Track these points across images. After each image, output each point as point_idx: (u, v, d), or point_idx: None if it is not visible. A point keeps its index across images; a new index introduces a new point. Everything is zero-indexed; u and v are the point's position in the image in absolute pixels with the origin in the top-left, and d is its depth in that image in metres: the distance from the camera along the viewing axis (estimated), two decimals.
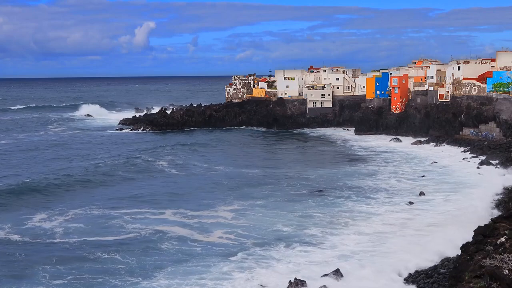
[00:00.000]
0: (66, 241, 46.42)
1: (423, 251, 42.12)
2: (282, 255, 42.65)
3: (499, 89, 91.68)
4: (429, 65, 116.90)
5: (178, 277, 38.48)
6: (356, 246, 44.29)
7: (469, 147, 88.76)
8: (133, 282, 37.91)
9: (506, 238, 33.25)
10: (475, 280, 28.31)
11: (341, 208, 56.74)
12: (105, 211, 56.03)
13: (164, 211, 55.83)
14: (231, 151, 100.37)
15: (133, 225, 51.15)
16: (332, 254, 42.49)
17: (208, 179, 73.42)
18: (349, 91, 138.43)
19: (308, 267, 39.87)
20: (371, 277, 37.39)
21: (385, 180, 70.87)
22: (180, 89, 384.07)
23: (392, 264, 39.78)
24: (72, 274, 39.10)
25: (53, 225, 50.97)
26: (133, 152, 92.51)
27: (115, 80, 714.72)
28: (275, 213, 54.96)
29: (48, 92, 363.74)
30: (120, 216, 53.92)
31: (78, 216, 54.11)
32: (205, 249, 44.55)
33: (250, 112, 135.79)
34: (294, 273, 38.10)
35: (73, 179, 70.15)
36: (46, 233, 48.74)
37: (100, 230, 49.66)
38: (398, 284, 36.10)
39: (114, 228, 50.33)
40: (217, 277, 38.51)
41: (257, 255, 42.77)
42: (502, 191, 59.44)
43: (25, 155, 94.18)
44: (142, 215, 54.40)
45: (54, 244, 45.76)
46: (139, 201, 60.09)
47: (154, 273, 39.45)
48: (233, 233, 48.76)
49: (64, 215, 54.39)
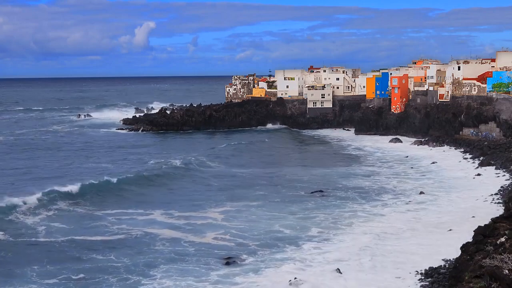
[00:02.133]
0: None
1: (423, 251, 42.17)
2: (282, 255, 42.58)
3: (499, 89, 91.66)
4: (429, 65, 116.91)
5: (175, 276, 38.48)
6: (356, 246, 44.21)
7: (469, 147, 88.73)
8: (130, 280, 37.88)
9: (506, 238, 33.23)
10: (475, 280, 28.29)
11: (341, 208, 56.69)
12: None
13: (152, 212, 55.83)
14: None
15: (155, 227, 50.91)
16: (332, 254, 42.42)
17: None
18: (349, 91, 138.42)
19: (308, 267, 39.83)
20: (371, 277, 37.43)
21: (385, 180, 70.86)
22: (180, 89, 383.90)
23: (392, 264, 39.82)
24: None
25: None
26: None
27: (115, 80, 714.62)
28: (274, 213, 54.94)
29: (48, 92, 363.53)
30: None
31: (60, 215, 54.10)
32: (200, 250, 44.29)
33: (250, 112, 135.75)
34: (294, 273, 38.10)
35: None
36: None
37: (84, 231, 49.14)
38: (398, 284, 36.09)
39: (101, 229, 49.86)
40: (217, 277, 38.47)
41: (256, 255, 42.71)
42: (502, 191, 59.38)
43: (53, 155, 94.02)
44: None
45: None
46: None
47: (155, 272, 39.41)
48: (228, 233, 48.55)
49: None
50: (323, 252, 43.00)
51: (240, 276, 38.53)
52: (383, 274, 37.94)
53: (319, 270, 38.87)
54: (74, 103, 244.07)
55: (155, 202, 60.17)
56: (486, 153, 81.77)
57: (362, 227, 49.75)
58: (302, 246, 44.60)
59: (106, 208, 56.82)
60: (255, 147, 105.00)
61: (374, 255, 41.84)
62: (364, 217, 53.17)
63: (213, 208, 57.22)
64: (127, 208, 57.03)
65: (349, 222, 51.27)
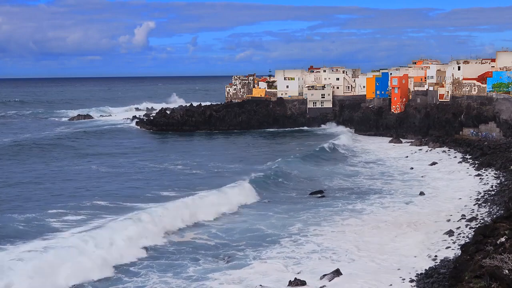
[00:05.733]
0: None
1: (423, 251, 42.17)
2: (282, 255, 42.57)
3: (499, 89, 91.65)
4: (429, 65, 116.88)
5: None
6: (356, 246, 44.24)
7: (469, 147, 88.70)
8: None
9: (506, 238, 33.23)
10: (475, 280, 28.28)
11: (341, 208, 56.73)
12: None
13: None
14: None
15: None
16: (332, 254, 42.46)
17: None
18: (349, 91, 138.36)
19: (308, 267, 39.84)
20: (371, 277, 37.40)
21: (385, 180, 70.89)
22: (180, 89, 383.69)
23: (392, 264, 39.83)
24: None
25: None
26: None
27: (115, 80, 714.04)
28: (273, 213, 55.00)
29: (48, 92, 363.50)
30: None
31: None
32: (198, 249, 44.34)
33: (250, 112, 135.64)
34: (294, 273, 38.10)
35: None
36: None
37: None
38: (398, 284, 36.07)
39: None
40: (218, 277, 38.52)
41: (256, 255, 42.68)
42: (502, 191, 59.34)
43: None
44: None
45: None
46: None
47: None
48: (226, 233, 48.56)
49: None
50: (323, 252, 42.99)
51: (240, 275, 38.50)
52: (382, 274, 37.89)
53: (319, 270, 38.82)
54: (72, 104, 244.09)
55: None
56: (486, 153, 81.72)
57: (361, 226, 49.72)
58: (301, 246, 44.56)
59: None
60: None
61: (374, 255, 41.85)
62: (364, 217, 53.14)
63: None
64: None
65: (346, 222, 51.30)
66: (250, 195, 61.86)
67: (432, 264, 39.04)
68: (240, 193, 61.05)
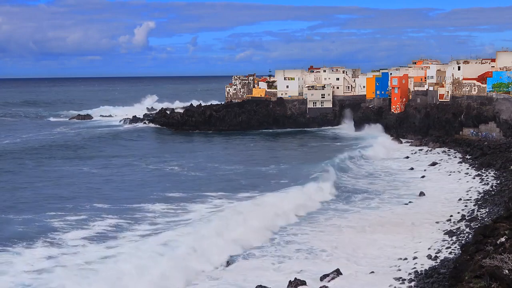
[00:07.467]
0: None
1: (423, 251, 42.15)
2: (281, 255, 42.58)
3: (499, 89, 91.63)
4: (429, 65, 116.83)
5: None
6: (356, 246, 44.22)
7: (469, 147, 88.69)
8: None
9: (506, 238, 33.19)
10: (475, 280, 28.25)
11: (340, 208, 56.74)
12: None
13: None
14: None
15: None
16: (332, 254, 42.46)
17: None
18: (349, 91, 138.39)
19: (308, 267, 39.83)
20: (371, 277, 37.41)
21: (384, 180, 70.87)
22: (180, 89, 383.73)
23: (392, 264, 39.82)
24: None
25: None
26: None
27: (115, 80, 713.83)
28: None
29: (46, 93, 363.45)
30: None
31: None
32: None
33: (250, 112, 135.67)
34: (294, 273, 38.09)
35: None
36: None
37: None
38: (398, 284, 36.07)
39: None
40: (218, 276, 38.53)
41: (256, 255, 42.72)
42: (502, 192, 59.32)
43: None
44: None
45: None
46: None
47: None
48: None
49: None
50: (323, 252, 42.98)
51: (240, 275, 38.50)
52: (382, 274, 37.89)
53: (319, 270, 38.82)
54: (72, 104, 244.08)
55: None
56: (486, 153, 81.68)
57: (361, 226, 49.70)
58: (301, 246, 44.54)
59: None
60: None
61: (374, 255, 41.86)
62: (364, 217, 53.14)
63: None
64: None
65: (346, 222, 51.27)
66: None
67: (432, 264, 39.04)
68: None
